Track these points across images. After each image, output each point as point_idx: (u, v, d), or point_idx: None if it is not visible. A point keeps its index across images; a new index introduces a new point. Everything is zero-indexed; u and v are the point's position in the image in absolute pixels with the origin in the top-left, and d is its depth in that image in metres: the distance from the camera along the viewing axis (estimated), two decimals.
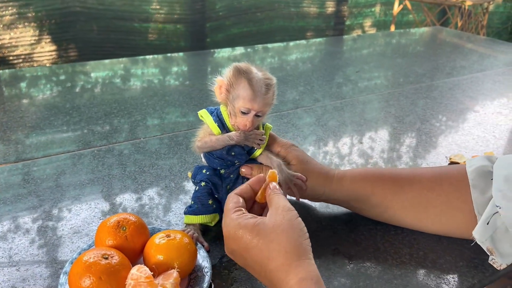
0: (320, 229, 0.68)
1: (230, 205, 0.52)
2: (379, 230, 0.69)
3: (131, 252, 0.55)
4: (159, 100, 1.20)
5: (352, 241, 0.66)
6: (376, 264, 0.62)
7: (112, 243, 0.55)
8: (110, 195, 0.77)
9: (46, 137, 0.97)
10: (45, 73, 1.44)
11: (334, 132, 1.05)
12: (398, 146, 0.99)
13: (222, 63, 1.64)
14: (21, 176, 0.82)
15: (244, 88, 0.57)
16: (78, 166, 0.85)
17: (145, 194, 0.77)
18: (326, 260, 0.62)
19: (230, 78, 0.58)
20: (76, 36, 2.12)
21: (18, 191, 0.77)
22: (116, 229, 0.56)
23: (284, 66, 1.61)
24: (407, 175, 0.66)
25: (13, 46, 1.95)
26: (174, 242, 0.55)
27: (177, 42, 2.29)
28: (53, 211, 0.72)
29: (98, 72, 1.45)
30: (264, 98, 0.57)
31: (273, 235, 0.46)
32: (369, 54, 1.82)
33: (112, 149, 0.92)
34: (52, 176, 0.82)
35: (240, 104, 0.57)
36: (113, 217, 0.57)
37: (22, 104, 1.16)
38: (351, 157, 0.94)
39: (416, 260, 0.63)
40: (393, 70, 1.59)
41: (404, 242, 0.66)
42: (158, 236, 0.56)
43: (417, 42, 2.09)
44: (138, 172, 0.84)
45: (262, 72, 0.59)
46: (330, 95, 1.29)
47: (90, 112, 1.10)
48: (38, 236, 0.66)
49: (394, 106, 1.21)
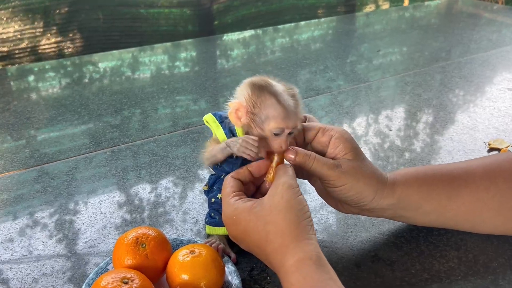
0: (355, 233, 0.63)
1: (227, 190, 0.50)
2: (421, 231, 0.63)
3: (153, 271, 0.50)
4: (169, 88, 1.15)
5: (392, 244, 0.60)
6: (422, 271, 0.56)
7: (131, 263, 0.50)
8: (125, 186, 0.74)
9: (58, 132, 0.94)
10: (53, 66, 1.39)
11: (350, 113, 0.99)
12: (428, 131, 0.92)
13: (231, 46, 1.57)
14: (36, 172, 0.79)
15: (274, 107, 0.48)
16: (92, 159, 0.83)
17: (160, 184, 0.74)
18: (366, 269, 0.56)
19: (251, 98, 0.49)
20: (81, 26, 2.06)
21: (33, 186, 0.75)
22: (135, 247, 0.51)
23: (295, 46, 1.54)
24: (460, 174, 0.58)
25: (18, 40, 1.89)
26: (200, 259, 0.49)
27: (184, 26, 2.21)
28: (69, 205, 0.70)
29: (106, 63, 1.40)
30: (296, 112, 0.49)
31: (269, 217, 0.45)
32: (383, 30, 1.74)
33: (124, 140, 0.89)
34: (65, 170, 0.79)
35: (272, 125, 0.48)
36: (131, 233, 0.52)
37: (32, 99, 1.12)
38: (367, 137, 0.88)
39: (466, 264, 0.57)
40: (409, 45, 1.50)
41: (450, 243, 0.60)
42: (181, 252, 0.51)
43: (433, 14, 1.98)
44: (152, 162, 0.81)
45: (281, 83, 0.51)
46: (344, 75, 1.22)
47: (101, 105, 1.07)
48: (55, 230, 0.64)
49: (415, 85, 1.14)
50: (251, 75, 0.51)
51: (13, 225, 0.66)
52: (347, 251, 0.59)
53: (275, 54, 1.48)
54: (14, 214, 0.69)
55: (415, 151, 0.85)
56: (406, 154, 0.84)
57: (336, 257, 0.58)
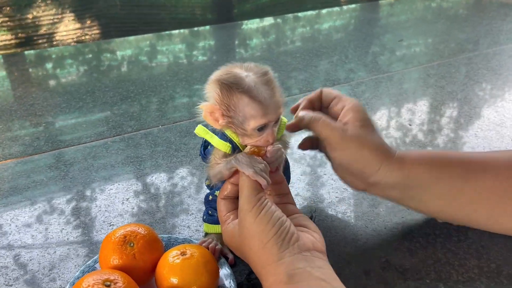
0: (365, 236, 0.58)
1: (221, 216, 0.48)
2: (438, 236, 0.58)
3: (141, 272, 0.47)
4: (186, 77, 1.13)
5: (406, 250, 0.56)
6: (438, 281, 0.51)
7: (117, 263, 0.46)
8: (141, 175, 0.73)
9: (76, 119, 0.93)
10: (70, 52, 1.39)
11: (370, 105, 0.94)
12: (450, 125, 0.87)
13: (250, 35, 1.53)
14: (53, 158, 0.79)
15: (249, 106, 0.43)
16: (108, 147, 0.82)
17: (176, 174, 0.73)
18: (376, 276, 0.52)
19: (223, 101, 0.44)
20: (99, 13, 2.05)
21: (51, 173, 0.75)
22: (122, 246, 0.47)
23: (316, 35, 1.49)
24: (479, 160, 0.54)
25: (37, 26, 1.89)
26: (191, 262, 0.45)
27: (203, 14, 2.18)
28: (85, 192, 0.69)
29: (123, 50, 1.39)
30: (275, 102, 0.44)
31: (241, 247, 0.44)
32: (408, 20, 1.67)
33: (141, 128, 0.88)
34: (82, 157, 0.79)
35: (252, 124, 0.43)
36: (119, 230, 0.49)
37: (50, 85, 1.12)
38: (388, 131, 0.84)
39: (488, 275, 0.52)
40: (434, 36, 1.44)
41: (471, 251, 0.55)
42: (171, 253, 0.47)
43: (461, 4, 1.90)
44: (168, 151, 0.80)
45: (251, 69, 0.44)
46: (365, 66, 1.17)
47: (118, 92, 1.05)
48: (72, 217, 0.63)
49: (439, 77, 1.08)
50: (270, 65, 0.47)
51: (31, 211, 0.65)
52: (355, 256, 0.55)
53: (294, 43, 1.44)
54: (31, 200, 0.68)
55: (437, 146, 0.80)
56: (428, 149, 0.79)
57: (343, 263, 0.54)
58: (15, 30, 1.74)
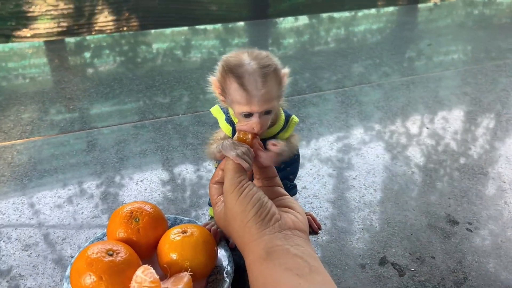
0: (363, 231, 0.58)
1: (213, 200, 0.48)
2: (439, 237, 0.56)
3: (144, 246, 0.48)
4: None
5: (404, 249, 0.54)
6: (433, 280, 0.50)
7: (123, 236, 0.48)
8: (170, 165, 0.74)
9: (110, 107, 0.96)
10: (108, 43, 1.44)
11: (403, 111, 0.92)
12: (486, 136, 0.84)
13: (284, 34, 1.53)
14: (85, 143, 0.82)
15: (237, 92, 0.43)
16: (139, 136, 0.84)
17: (203, 166, 0.74)
18: (371, 270, 0.51)
19: (219, 79, 0.46)
20: (137, 6, 2.11)
21: (83, 158, 0.77)
22: (128, 220, 0.49)
23: (350, 37, 1.47)
24: None
25: (78, 16, 1.97)
26: (190, 240, 0.47)
27: (238, 12, 2.20)
28: (115, 178, 0.71)
29: (159, 43, 1.43)
30: (262, 95, 0.43)
31: (228, 225, 0.44)
32: (447, 26, 1.62)
33: (172, 120, 0.90)
34: (114, 144, 0.81)
35: (237, 109, 0.45)
36: (127, 206, 0.50)
37: (87, 73, 1.16)
38: (420, 138, 0.82)
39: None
40: (474, 44, 1.39)
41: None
42: (173, 231, 0.48)
43: (505, 13, 1.82)
44: (197, 143, 0.81)
45: (258, 58, 0.44)
46: (400, 70, 1.15)
47: (151, 83, 1.08)
48: (101, 201, 0.65)
49: (477, 86, 1.04)
50: (302, 64, 0.47)
51: (61, 192, 0.68)
52: (354, 250, 0.55)
53: (328, 44, 1.43)
54: (63, 182, 0.70)
55: (471, 157, 0.77)
56: (462, 159, 0.76)
57: (342, 255, 0.54)
58: (58, 19, 1.82)
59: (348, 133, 0.84)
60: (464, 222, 0.60)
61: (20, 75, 1.15)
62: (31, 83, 1.09)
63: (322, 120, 0.89)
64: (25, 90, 1.05)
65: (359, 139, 0.82)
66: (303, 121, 0.89)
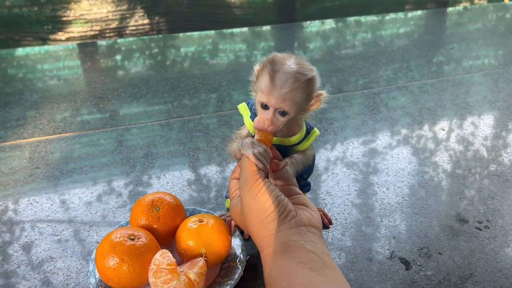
0: (376, 223, 0.59)
1: (232, 194, 0.50)
2: (450, 239, 0.56)
3: (164, 233, 0.51)
4: (245, 75, 1.17)
5: (415, 247, 0.56)
6: (439, 276, 0.50)
7: (144, 223, 0.51)
8: (196, 166, 0.76)
9: (138, 109, 0.99)
10: (138, 46, 1.49)
11: (432, 115, 0.92)
12: (504, 135, 0.83)
13: (310, 37, 1.55)
14: (116, 143, 0.85)
15: (264, 82, 0.47)
16: (167, 137, 0.86)
17: (229, 168, 0.76)
18: (378, 264, 0.52)
19: (260, 68, 0.49)
20: (167, 10, 2.17)
21: (113, 157, 0.80)
22: (150, 209, 0.52)
23: (377, 41, 1.47)
24: None
25: (110, 20, 2.04)
26: (206, 228, 0.49)
27: (265, 16, 2.23)
28: (143, 178, 0.73)
29: (187, 47, 1.46)
30: (284, 93, 0.46)
31: (244, 220, 0.46)
32: (477, 29, 1.60)
33: (199, 122, 0.92)
34: (143, 145, 0.84)
35: (258, 96, 0.48)
36: (149, 196, 0.54)
37: (118, 75, 1.20)
38: (448, 143, 0.82)
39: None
40: (505, 48, 1.37)
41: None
42: (191, 219, 0.51)
43: None
44: (223, 146, 0.83)
45: (300, 65, 0.47)
46: (428, 74, 1.15)
47: (179, 87, 1.11)
48: (128, 199, 0.68)
49: (508, 92, 1.03)
50: (329, 68, 0.49)
51: (92, 191, 0.71)
52: (363, 243, 0.56)
53: (355, 48, 1.43)
54: (94, 180, 0.74)
55: (502, 164, 0.75)
56: (492, 166, 0.75)
57: (350, 247, 0.56)
58: (91, 22, 1.89)
59: (375, 137, 0.84)
60: (474, 221, 0.60)
61: (54, 76, 1.22)
62: (64, 84, 1.15)
63: (348, 124, 0.90)
64: (59, 90, 1.10)
65: (386, 143, 0.82)
66: (331, 125, 0.89)
